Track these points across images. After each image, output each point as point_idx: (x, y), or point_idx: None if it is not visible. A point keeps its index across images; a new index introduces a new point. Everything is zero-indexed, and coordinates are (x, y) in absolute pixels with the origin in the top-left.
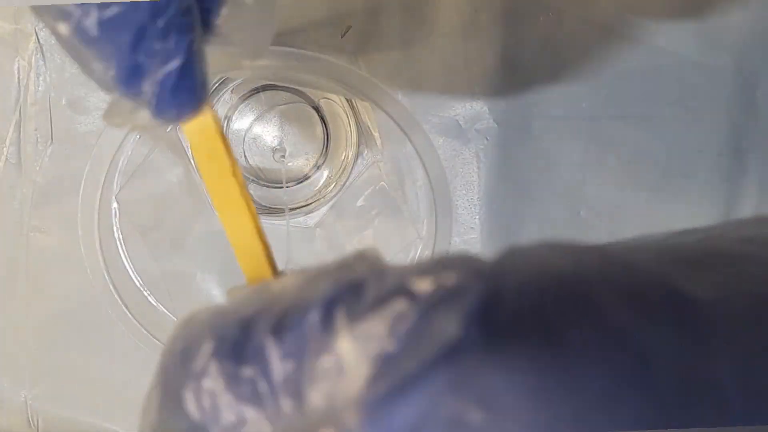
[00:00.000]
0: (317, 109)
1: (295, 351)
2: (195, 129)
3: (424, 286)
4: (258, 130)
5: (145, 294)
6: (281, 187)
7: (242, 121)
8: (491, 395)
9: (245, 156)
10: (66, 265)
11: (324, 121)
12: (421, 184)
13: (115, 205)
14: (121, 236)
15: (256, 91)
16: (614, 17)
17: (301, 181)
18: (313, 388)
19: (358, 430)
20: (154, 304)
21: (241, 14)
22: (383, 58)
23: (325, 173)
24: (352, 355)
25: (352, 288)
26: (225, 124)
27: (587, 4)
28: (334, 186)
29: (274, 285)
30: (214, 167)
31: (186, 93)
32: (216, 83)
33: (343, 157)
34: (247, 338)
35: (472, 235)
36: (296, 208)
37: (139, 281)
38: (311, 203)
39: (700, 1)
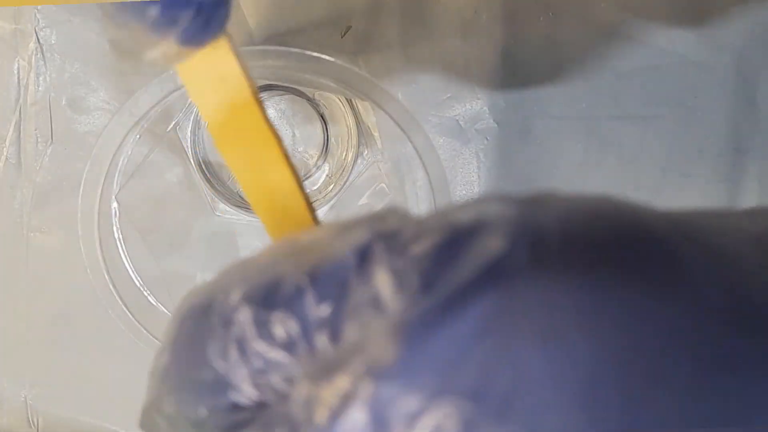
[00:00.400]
0: (317, 109)
1: (332, 293)
2: (210, 55)
3: (465, 215)
4: None
5: (145, 294)
6: None
7: None
8: (545, 318)
9: None
10: (66, 265)
11: (324, 121)
12: (421, 184)
13: (115, 205)
14: (121, 236)
15: (259, 92)
16: (614, 17)
17: (303, 181)
18: (349, 323)
19: (392, 357)
20: (154, 304)
21: None
22: (383, 58)
23: (325, 173)
24: (389, 287)
25: (389, 234)
26: None
27: (587, 4)
28: (334, 186)
29: (303, 236)
30: (231, 95)
31: (222, 13)
32: None
33: (343, 157)
34: (279, 284)
35: None
36: None
37: (139, 281)
38: (313, 202)
39: (700, 1)
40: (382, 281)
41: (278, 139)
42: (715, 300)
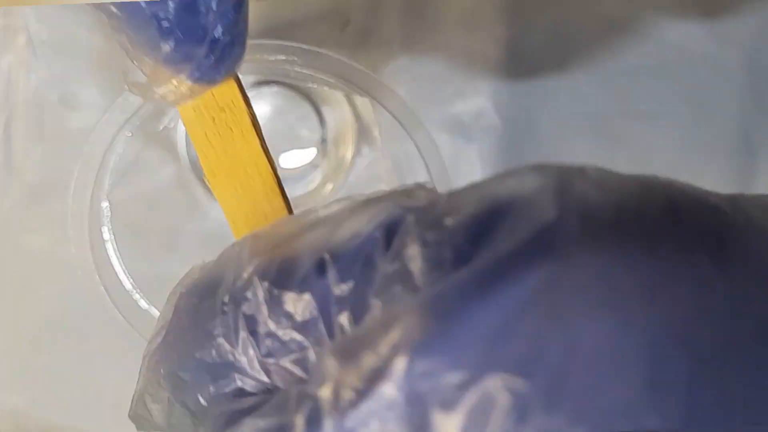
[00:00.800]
0: (315, 106)
1: (355, 270)
2: (225, 91)
3: (502, 187)
4: None
5: (137, 296)
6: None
7: None
8: (603, 288)
9: None
10: (57, 266)
11: (322, 118)
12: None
13: (106, 204)
14: (112, 236)
15: (254, 87)
16: (622, 11)
17: (299, 181)
18: (375, 301)
19: (426, 332)
20: (146, 306)
21: None
22: (384, 54)
23: (324, 171)
24: (420, 260)
25: (419, 208)
26: None
27: None
28: (333, 185)
29: (320, 210)
30: (238, 134)
31: (235, 53)
32: None
33: (342, 155)
34: (296, 260)
35: None
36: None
37: (130, 282)
38: (309, 203)
39: None
40: (413, 255)
41: (274, 170)
42: None
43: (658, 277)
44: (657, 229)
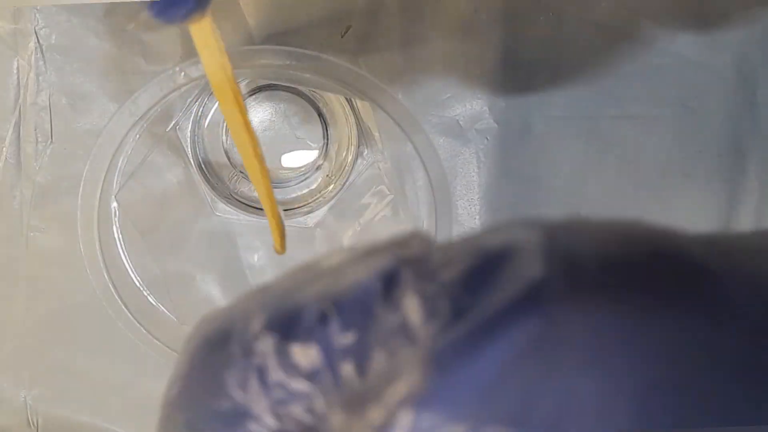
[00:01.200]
0: (317, 109)
1: (357, 321)
2: (199, 29)
3: (493, 240)
4: (257, 130)
5: (145, 294)
6: (280, 187)
7: None
8: (589, 342)
9: None
10: (65, 265)
11: (324, 121)
12: (421, 184)
13: (114, 204)
14: (120, 236)
15: (256, 90)
16: (615, 18)
17: (301, 181)
18: (377, 352)
19: (427, 386)
20: (154, 304)
21: None
22: (383, 58)
23: (325, 173)
24: (418, 313)
25: (415, 259)
26: (225, 122)
27: (587, 4)
28: (334, 186)
29: (323, 261)
30: (211, 61)
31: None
32: None
33: (342, 157)
34: (301, 312)
35: None
36: (296, 209)
37: (138, 281)
38: (311, 203)
39: (701, 2)
40: (411, 308)
41: (239, 97)
42: (754, 317)
43: (639, 328)
44: (639, 280)
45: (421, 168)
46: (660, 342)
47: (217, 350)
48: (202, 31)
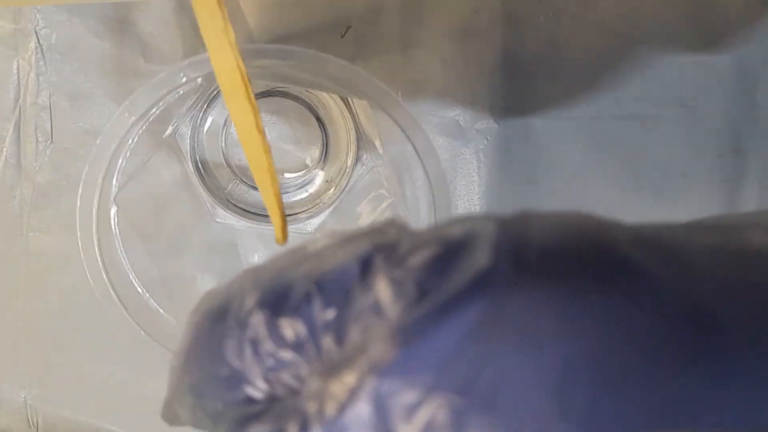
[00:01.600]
0: (316, 112)
1: (337, 300)
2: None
3: (456, 231)
4: None
5: (145, 296)
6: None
7: None
8: (525, 323)
9: (243, 158)
10: (65, 265)
11: (323, 125)
12: (420, 185)
13: (113, 206)
14: (120, 237)
15: (255, 97)
16: (614, 17)
17: (300, 186)
18: (353, 327)
19: (391, 357)
20: (154, 306)
21: None
22: (383, 59)
23: (325, 177)
24: (388, 294)
25: (388, 246)
26: (224, 127)
27: (587, 4)
28: (334, 191)
29: (309, 246)
30: (221, 54)
31: None
32: (214, 89)
33: (342, 161)
34: (289, 290)
35: None
36: (295, 213)
37: (137, 283)
38: (310, 208)
39: (700, 1)
40: (382, 289)
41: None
42: (672, 303)
43: (568, 311)
44: (573, 270)
45: (421, 168)
46: (587, 321)
47: (217, 323)
48: (214, 22)
